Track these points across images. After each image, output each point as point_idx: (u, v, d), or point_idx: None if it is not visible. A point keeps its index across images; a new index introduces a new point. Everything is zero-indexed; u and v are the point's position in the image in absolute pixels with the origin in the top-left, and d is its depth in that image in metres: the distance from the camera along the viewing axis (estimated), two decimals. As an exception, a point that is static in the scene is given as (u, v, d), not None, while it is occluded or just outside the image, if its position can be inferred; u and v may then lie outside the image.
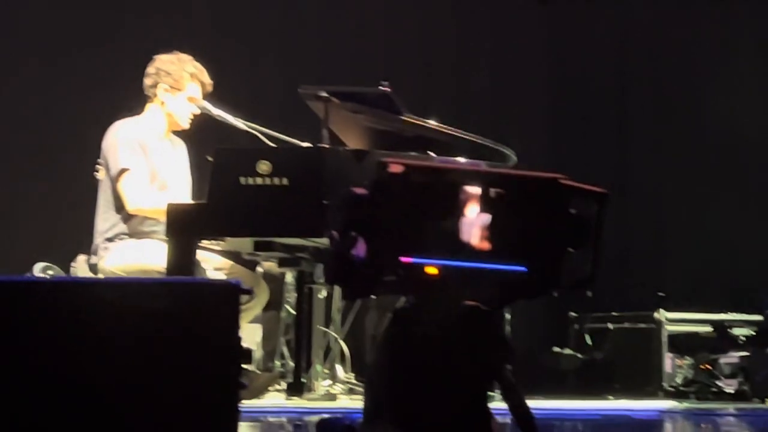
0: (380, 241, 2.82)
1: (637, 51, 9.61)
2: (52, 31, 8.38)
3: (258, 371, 6.08)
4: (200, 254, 5.58)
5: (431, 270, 2.84)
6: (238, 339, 3.16)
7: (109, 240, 5.81)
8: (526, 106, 9.52)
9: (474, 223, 2.85)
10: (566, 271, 2.95)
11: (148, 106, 6.01)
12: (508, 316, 6.27)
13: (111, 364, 3.10)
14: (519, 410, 3.02)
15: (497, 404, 3.09)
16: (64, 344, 3.11)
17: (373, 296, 6.34)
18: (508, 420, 3.15)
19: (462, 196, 2.83)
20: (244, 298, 3.20)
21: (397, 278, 2.88)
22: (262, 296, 5.90)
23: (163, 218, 5.44)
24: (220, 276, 5.77)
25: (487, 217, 2.84)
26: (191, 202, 5.82)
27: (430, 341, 2.96)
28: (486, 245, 2.84)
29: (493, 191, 2.84)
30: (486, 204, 2.84)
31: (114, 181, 5.79)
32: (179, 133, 6.10)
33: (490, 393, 3.08)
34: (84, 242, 5.96)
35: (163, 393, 3.10)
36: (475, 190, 2.83)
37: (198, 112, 5.98)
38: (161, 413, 3.09)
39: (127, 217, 5.81)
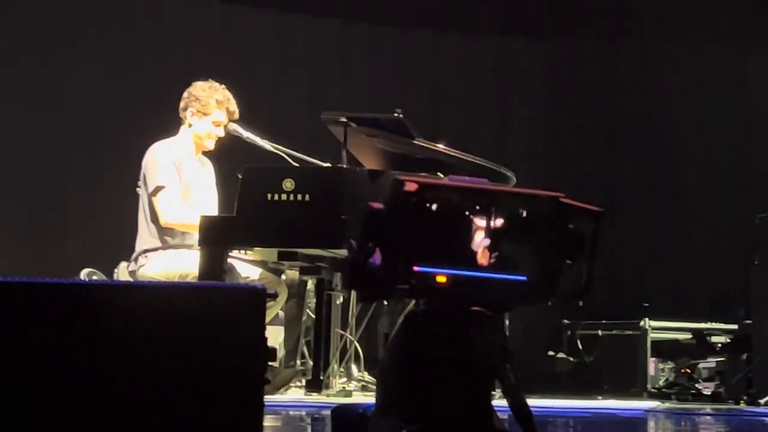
0: (394, 251, 2.80)
1: (627, 84, 9.62)
2: (107, 56, 8.38)
3: (278, 366, 6.05)
4: (237, 264, 5.59)
5: (441, 278, 2.82)
6: (264, 338, 3.14)
7: (148, 250, 5.80)
8: (525, 133, 9.55)
9: (480, 236, 2.83)
10: (563, 282, 2.93)
11: (181, 128, 6.03)
12: (507, 322, 6.26)
13: (149, 360, 3.08)
14: (518, 407, 2.99)
15: (498, 401, 3.06)
16: (105, 343, 3.09)
17: (385, 302, 6.35)
18: (506, 416, 3.12)
19: (470, 212, 2.81)
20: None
21: (409, 285, 2.86)
22: (282, 297, 5.90)
23: (192, 231, 5.44)
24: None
25: (492, 231, 2.82)
26: (222, 215, 5.81)
27: (438, 342, 2.94)
28: (491, 256, 2.82)
29: (498, 207, 2.82)
30: (491, 219, 2.82)
31: (151, 196, 5.79)
32: (209, 153, 6.10)
33: (492, 391, 3.05)
34: (126, 250, 5.96)
35: (196, 387, 3.07)
36: (482, 206, 2.81)
37: (222, 134, 6.00)
38: (193, 404, 3.07)
39: (164, 232, 5.81)
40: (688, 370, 7.63)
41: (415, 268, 2.78)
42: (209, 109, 5.95)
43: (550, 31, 9.60)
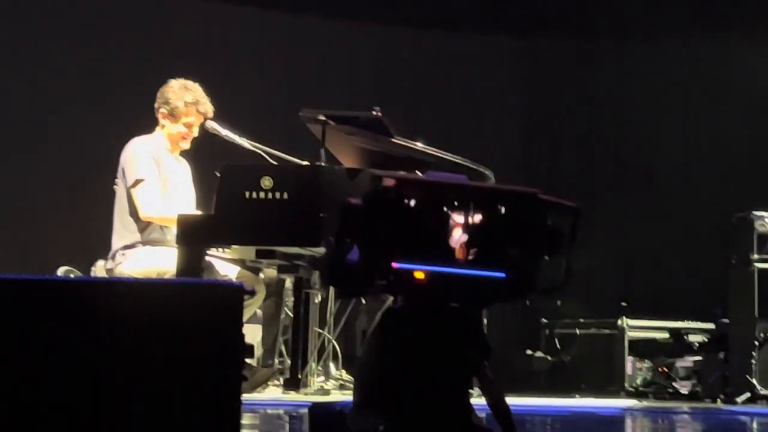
0: (372, 248, 2.79)
1: (603, 82, 9.66)
2: (85, 52, 8.35)
3: (256, 364, 6.04)
4: (215, 262, 5.58)
5: (419, 275, 2.82)
6: (242, 335, 3.13)
7: (126, 247, 5.78)
8: (503, 131, 9.57)
9: (459, 232, 2.82)
10: (541, 278, 2.93)
11: (157, 127, 6.02)
12: (485, 321, 6.25)
13: (126, 356, 3.06)
14: (497, 404, 2.99)
15: (477, 399, 3.06)
16: (81, 340, 3.07)
17: (363, 300, 6.34)
18: (485, 414, 3.12)
19: (448, 208, 2.81)
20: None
21: (387, 281, 2.85)
22: (260, 296, 5.89)
23: (171, 225, 5.43)
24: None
25: (470, 227, 2.81)
26: (200, 213, 5.79)
27: (416, 339, 2.93)
28: (469, 253, 2.82)
29: (476, 204, 2.81)
30: (470, 215, 2.82)
31: (130, 189, 5.77)
32: (185, 152, 6.08)
33: (470, 388, 3.04)
34: (103, 248, 5.93)
35: (173, 383, 3.06)
36: (459, 202, 2.80)
37: (196, 134, 6.00)
38: (171, 401, 3.06)
39: (142, 227, 5.78)
40: (666, 369, 7.65)
41: (394, 265, 2.78)
42: (178, 113, 5.94)
43: (527, 29, 9.61)
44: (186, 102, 5.93)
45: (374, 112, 5.73)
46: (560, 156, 9.52)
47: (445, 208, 2.79)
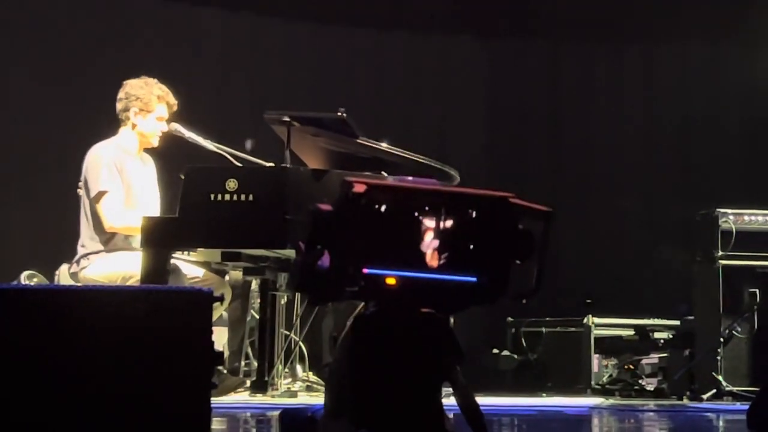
0: (343, 254, 2.78)
1: (567, 82, 9.70)
2: (45, 54, 8.28)
3: (225, 371, 6.00)
4: (181, 265, 5.54)
5: (390, 280, 2.80)
6: (211, 342, 3.11)
7: (90, 253, 5.73)
8: (467, 131, 9.58)
9: (430, 237, 2.81)
10: (512, 282, 2.92)
11: (121, 129, 5.95)
12: (451, 320, 6.25)
13: (94, 365, 3.04)
14: (469, 408, 2.98)
15: (447, 401, 3.05)
16: (49, 348, 3.05)
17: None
18: (454, 415, 3.11)
19: (419, 213, 2.79)
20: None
21: (358, 287, 2.84)
22: (226, 299, 5.85)
23: (136, 234, 5.38)
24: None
25: (441, 232, 2.80)
26: (164, 216, 5.75)
27: (388, 344, 2.92)
28: (440, 257, 2.81)
29: (447, 208, 2.80)
30: (440, 220, 2.81)
31: (93, 201, 5.71)
32: (150, 151, 6.03)
33: (441, 392, 3.04)
34: (67, 251, 5.88)
35: (143, 391, 3.04)
36: (430, 207, 2.79)
37: (166, 129, 5.93)
38: (141, 410, 3.04)
39: (106, 238, 5.72)
40: (632, 366, 7.68)
41: (365, 270, 2.76)
42: (152, 106, 5.89)
43: (491, 29, 9.62)
44: (158, 96, 5.88)
45: (339, 113, 5.71)
46: (525, 155, 9.56)
47: (415, 213, 2.78)
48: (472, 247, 2.82)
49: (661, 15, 9.31)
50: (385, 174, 5.66)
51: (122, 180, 5.78)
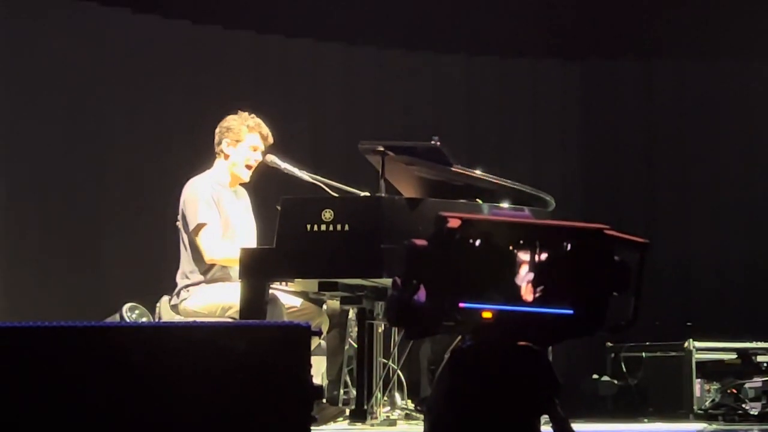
0: (439, 288, 2.79)
1: (661, 103, 9.61)
2: (144, 90, 8.44)
3: (324, 401, 6.03)
4: (279, 295, 5.59)
5: (486, 314, 2.81)
6: (310, 376, 3.14)
7: (190, 285, 5.81)
8: (561, 155, 9.54)
9: (525, 270, 2.81)
10: (609, 314, 2.91)
11: (216, 162, 6.04)
12: (549, 351, 6.20)
13: (193, 402, 3.08)
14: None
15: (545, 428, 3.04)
16: (150, 384, 3.09)
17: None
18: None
19: (514, 246, 2.79)
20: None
21: (454, 321, 2.85)
22: (324, 327, 5.89)
23: (236, 265, 5.45)
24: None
25: (536, 265, 2.80)
26: (261, 247, 5.81)
27: (486, 378, 2.92)
28: (536, 290, 2.80)
29: (542, 241, 2.80)
30: (535, 252, 2.80)
31: (192, 234, 5.80)
32: (245, 184, 6.11)
33: (539, 426, 3.03)
34: (167, 284, 5.97)
35: (242, 427, 3.07)
36: (525, 240, 2.79)
37: (260, 158, 6.00)
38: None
39: (205, 269, 5.81)
40: (735, 391, 7.55)
41: (461, 305, 2.77)
42: (242, 135, 5.98)
43: (583, 51, 9.57)
44: (249, 126, 5.98)
45: (433, 142, 5.72)
46: (620, 177, 9.48)
47: (510, 247, 2.79)
48: (568, 279, 2.81)
49: (755, 31, 9.16)
50: (480, 201, 5.66)
51: (219, 212, 5.86)
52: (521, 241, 2.79)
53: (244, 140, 5.97)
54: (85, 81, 8.25)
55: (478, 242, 2.78)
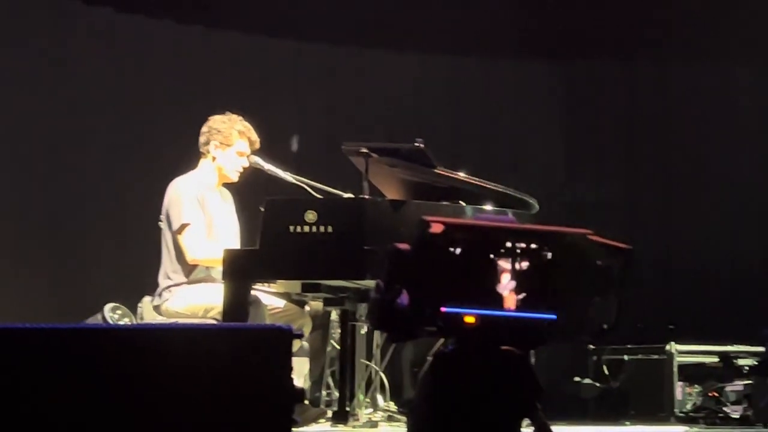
0: (422, 293, 2.79)
1: (645, 107, 9.63)
2: (126, 88, 8.43)
3: (306, 402, 6.02)
4: (261, 296, 5.58)
5: (469, 319, 2.81)
6: (291, 379, 3.13)
7: (172, 285, 5.80)
8: (544, 156, 9.55)
9: (507, 274, 2.81)
10: (591, 318, 2.91)
11: (201, 162, 6.02)
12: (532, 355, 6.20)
13: (174, 403, 3.07)
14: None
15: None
16: (129, 387, 3.08)
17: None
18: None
19: (497, 251, 2.80)
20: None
21: (437, 326, 2.85)
22: (306, 328, 5.89)
23: (219, 266, 5.44)
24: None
25: (519, 269, 2.80)
26: (245, 248, 5.80)
27: (468, 382, 2.92)
28: (519, 295, 2.81)
29: (525, 245, 2.80)
30: (519, 257, 2.81)
31: (175, 233, 5.79)
32: (228, 184, 6.09)
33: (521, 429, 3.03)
34: (149, 284, 5.95)
35: (223, 429, 3.07)
36: (508, 244, 2.79)
37: (246, 165, 5.99)
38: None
39: (188, 269, 5.80)
40: (716, 394, 7.57)
41: (443, 309, 2.77)
42: (232, 140, 5.95)
43: (566, 54, 9.59)
44: (239, 131, 5.95)
45: (416, 144, 5.72)
46: (602, 179, 9.50)
47: (493, 251, 2.79)
48: (550, 284, 2.81)
49: (737, 32, 9.19)
50: (463, 203, 5.66)
51: (204, 213, 5.85)
52: (504, 245, 2.79)
53: (233, 144, 5.95)
54: (67, 81, 8.23)
55: (460, 247, 2.78)
